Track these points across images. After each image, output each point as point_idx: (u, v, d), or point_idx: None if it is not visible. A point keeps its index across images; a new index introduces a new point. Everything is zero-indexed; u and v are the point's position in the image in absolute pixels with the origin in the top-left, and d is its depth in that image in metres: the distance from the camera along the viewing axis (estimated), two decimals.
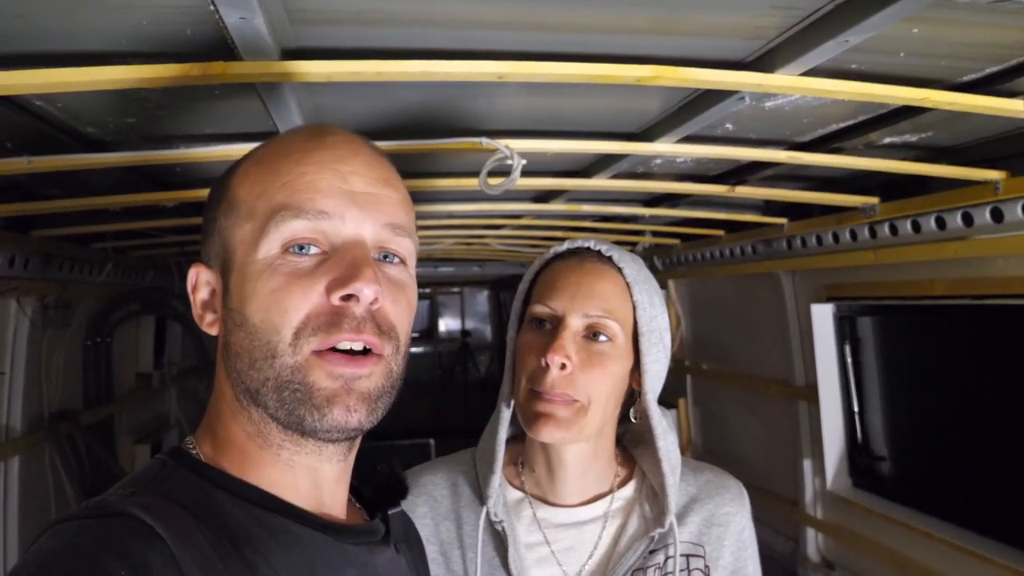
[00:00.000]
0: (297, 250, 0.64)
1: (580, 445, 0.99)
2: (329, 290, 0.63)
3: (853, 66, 1.08)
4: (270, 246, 0.64)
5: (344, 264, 0.63)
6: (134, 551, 0.53)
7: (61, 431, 2.42)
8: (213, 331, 0.70)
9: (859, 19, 0.85)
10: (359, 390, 0.64)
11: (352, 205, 0.65)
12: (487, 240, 3.00)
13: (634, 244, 3.11)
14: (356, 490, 0.82)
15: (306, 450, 0.67)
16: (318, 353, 0.62)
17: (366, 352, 0.64)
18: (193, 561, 0.56)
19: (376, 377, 0.65)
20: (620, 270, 0.99)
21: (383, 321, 0.65)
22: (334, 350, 0.63)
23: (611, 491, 1.03)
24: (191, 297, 0.71)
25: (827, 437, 2.32)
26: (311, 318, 0.62)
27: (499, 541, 0.99)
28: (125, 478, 0.65)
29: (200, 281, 0.71)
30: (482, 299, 7.60)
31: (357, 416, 0.63)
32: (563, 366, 0.92)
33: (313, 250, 0.64)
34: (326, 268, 0.64)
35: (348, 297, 0.62)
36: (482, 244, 3.13)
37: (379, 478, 0.85)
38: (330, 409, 0.62)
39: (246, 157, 0.72)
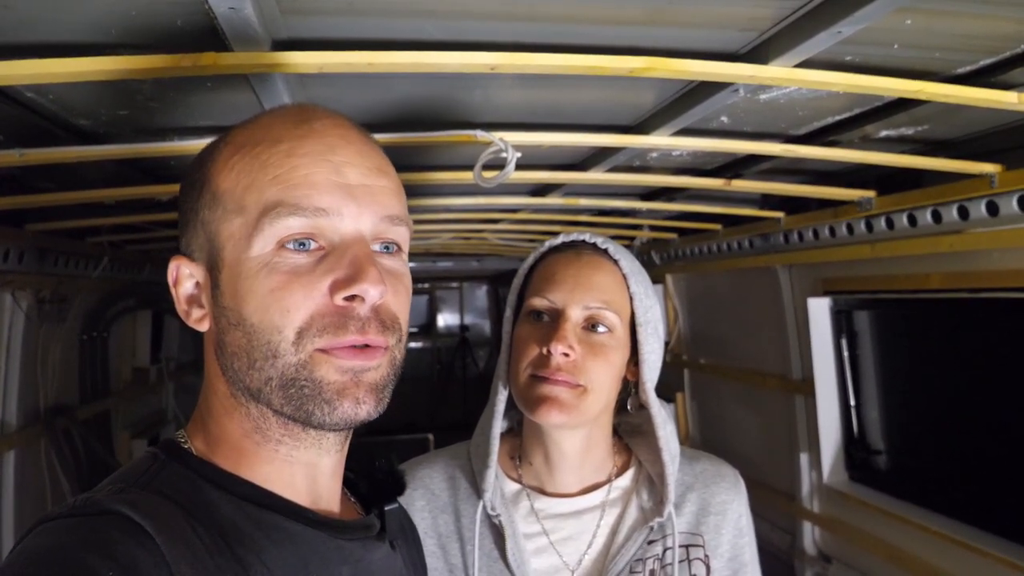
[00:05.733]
0: (294, 246, 0.62)
1: (578, 433, 1.00)
2: (333, 290, 0.61)
3: (847, 58, 1.07)
4: (264, 243, 0.62)
5: (345, 263, 0.62)
6: (121, 550, 0.52)
7: (57, 425, 2.42)
8: (202, 327, 0.67)
9: (852, 9, 0.85)
10: (367, 382, 0.63)
11: (349, 199, 0.63)
12: (485, 234, 2.99)
13: (632, 239, 3.11)
14: (353, 484, 0.82)
15: (305, 444, 0.66)
16: (323, 349, 0.61)
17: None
18: (183, 559, 0.54)
19: (383, 368, 0.65)
20: (616, 262, 1.00)
21: (387, 315, 0.65)
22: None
23: (609, 480, 1.04)
24: (173, 291, 0.68)
25: (824, 431, 2.32)
26: (315, 318, 0.61)
27: (497, 534, 0.99)
28: (115, 473, 0.64)
29: (182, 275, 0.68)
30: (481, 294, 7.60)
31: (366, 408, 0.63)
32: (566, 354, 0.93)
33: (312, 245, 0.62)
34: (327, 266, 0.62)
35: (352, 297, 0.61)
36: (480, 239, 3.13)
37: (377, 473, 0.84)
38: (340, 402, 0.62)
39: (223, 142, 0.68)
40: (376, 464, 0.85)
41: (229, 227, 0.64)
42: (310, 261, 0.62)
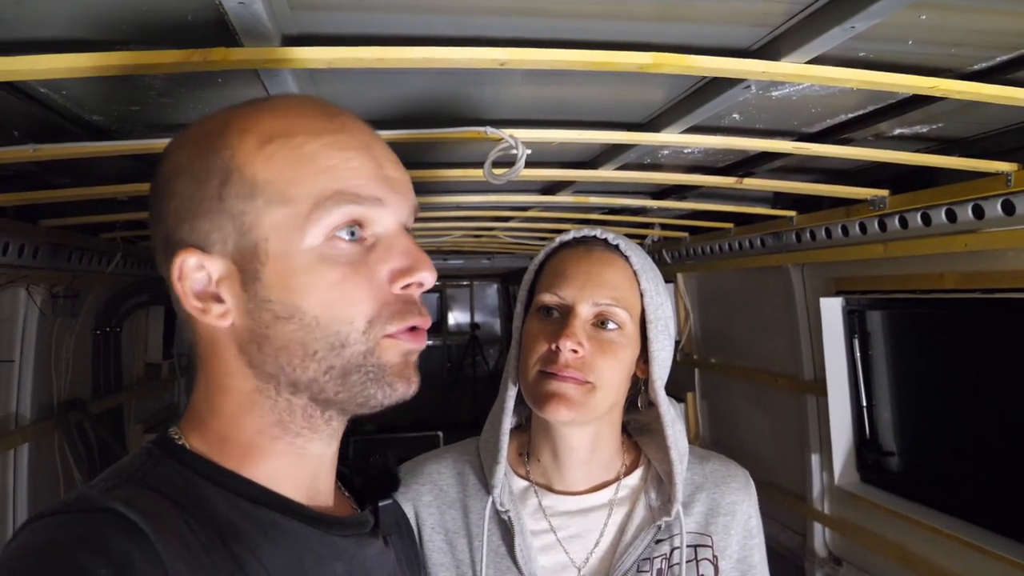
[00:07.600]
0: (346, 235, 0.63)
1: (586, 430, 0.99)
2: (392, 279, 0.64)
3: (861, 54, 1.06)
4: (317, 233, 0.61)
5: (399, 252, 0.65)
6: (115, 548, 0.51)
7: (70, 419, 2.44)
8: (224, 323, 0.64)
9: (866, 4, 0.84)
10: (413, 362, 0.67)
11: (392, 191, 0.65)
12: (495, 232, 2.99)
13: (643, 237, 3.10)
14: (347, 480, 0.82)
15: (321, 435, 0.68)
16: (390, 335, 0.64)
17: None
18: (178, 557, 0.54)
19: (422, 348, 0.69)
20: (627, 259, 1.00)
21: (421, 299, 0.68)
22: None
23: (617, 479, 1.03)
24: (177, 286, 0.64)
25: (835, 432, 2.30)
26: (383, 307, 0.63)
27: (505, 530, 0.99)
28: (109, 468, 0.63)
29: (188, 268, 0.63)
30: (491, 292, 7.60)
31: (414, 387, 0.67)
32: (574, 351, 0.93)
33: (358, 234, 0.64)
34: (380, 256, 0.64)
35: (408, 285, 0.65)
36: (490, 236, 3.13)
37: (371, 469, 0.84)
38: (398, 383, 0.65)
39: (242, 130, 0.64)
40: (371, 460, 0.85)
41: (272, 218, 0.62)
42: (361, 250, 0.64)
